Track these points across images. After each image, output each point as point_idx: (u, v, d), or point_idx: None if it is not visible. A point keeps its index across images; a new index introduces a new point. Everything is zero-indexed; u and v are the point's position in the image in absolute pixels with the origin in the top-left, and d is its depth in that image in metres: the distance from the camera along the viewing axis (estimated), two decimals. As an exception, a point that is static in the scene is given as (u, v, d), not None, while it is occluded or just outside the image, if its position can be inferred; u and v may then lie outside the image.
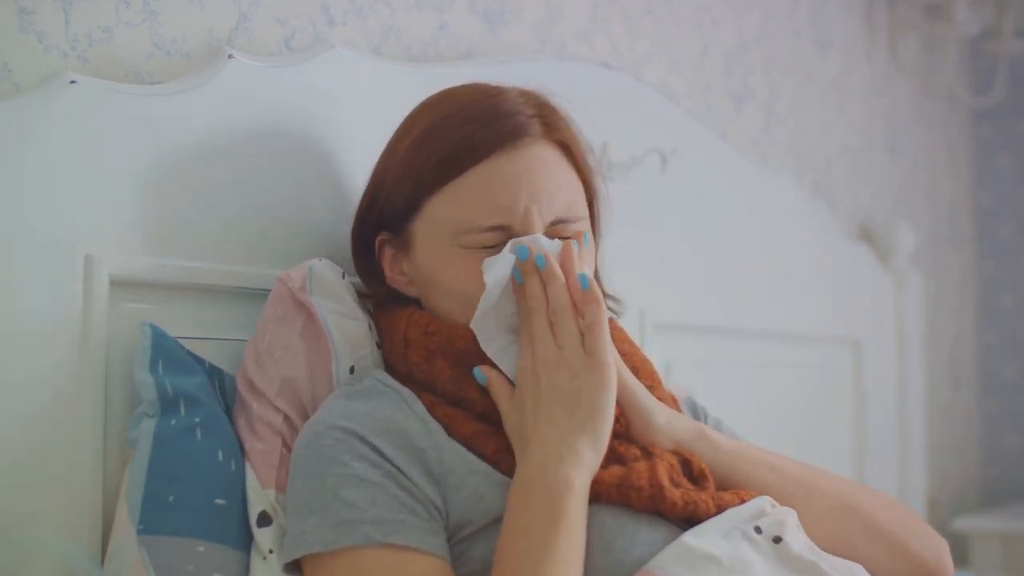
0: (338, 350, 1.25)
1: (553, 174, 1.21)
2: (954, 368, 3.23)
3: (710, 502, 1.15)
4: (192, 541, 1.16)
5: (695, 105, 2.23)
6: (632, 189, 1.87)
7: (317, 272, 1.27)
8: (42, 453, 1.15)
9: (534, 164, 1.20)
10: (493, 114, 1.20)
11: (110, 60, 1.29)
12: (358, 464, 1.11)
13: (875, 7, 2.88)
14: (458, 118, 1.21)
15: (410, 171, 1.22)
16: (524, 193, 1.19)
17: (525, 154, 1.20)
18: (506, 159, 1.19)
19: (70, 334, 1.17)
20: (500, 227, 1.19)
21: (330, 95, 1.44)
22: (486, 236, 1.19)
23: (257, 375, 1.25)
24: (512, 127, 1.20)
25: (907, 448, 2.74)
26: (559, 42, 1.93)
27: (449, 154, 1.19)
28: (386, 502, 1.09)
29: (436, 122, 1.22)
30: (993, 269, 3.36)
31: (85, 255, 1.19)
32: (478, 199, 1.19)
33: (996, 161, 3.36)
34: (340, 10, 1.55)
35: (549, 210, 1.19)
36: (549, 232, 1.20)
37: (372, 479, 1.10)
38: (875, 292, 2.67)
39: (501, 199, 1.18)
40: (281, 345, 1.25)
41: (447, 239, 1.20)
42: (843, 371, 2.54)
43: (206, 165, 1.31)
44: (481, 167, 1.19)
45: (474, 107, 1.21)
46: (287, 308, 1.27)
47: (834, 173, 2.69)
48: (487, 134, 1.19)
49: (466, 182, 1.19)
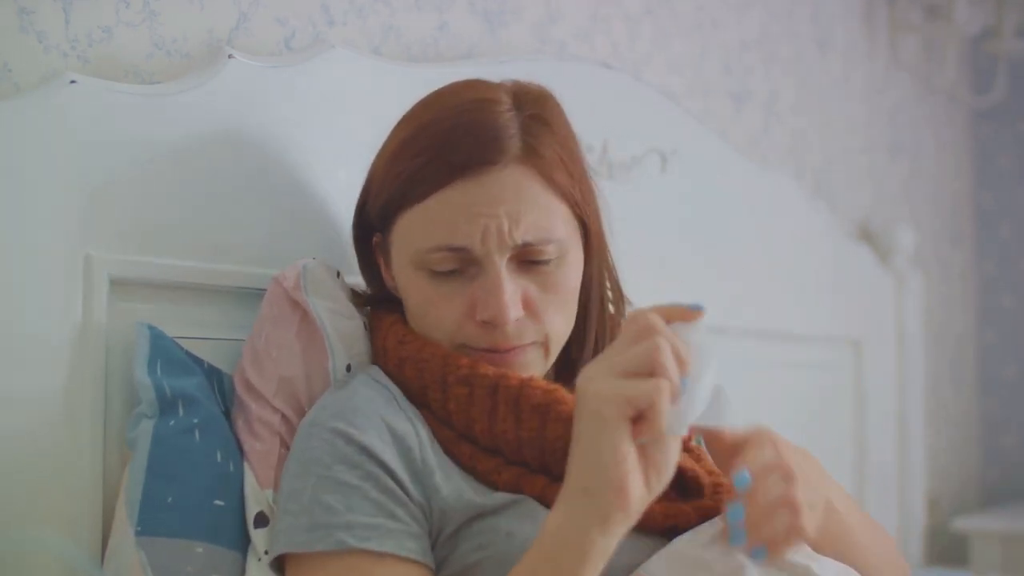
0: (334, 348, 1.25)
1: (524, 198, 1.16)
2: (954, 368, 3.23)
3: (692, 514, 1.14)
4: (190, 542, 1.16)
5: (695, 105, 2.23)
6: (632, 189, 1.87)
7: (311, 271, 1.27)
8: (42, 453, 1.15)
9: (502, 189, 1.15)
10: (471, 131, 1.16)
11: (110, 60, 1.29)
12: (340, 467, 1.10)
13: (875, 7, 2.88)
14: (429, 135, 1.17)
15: (387, 183, 1.20)
16: (485, 216, 1.15)
17: (494, 178, 1.15)
18: (473, 184, 1.15)
19: (70, 334, 1.17)
20: (457, 248, 1.15)
21: (330, 95, 1.44)
22: (441, 256, 1.16)
23: (254, 375, 1.25)
24: (486, 150, 1.15)
25: (907, 448, 2.74)
26: (559, 42, 1.93)
27: (416, 176, 1.16)
28: (364, 507, 1.09)
29: (414, 133, 1.19)
30: (993, 269, 3.36)
31: (85, 255, 1.19)
32: (436, 222, 1.15)
33: (996, 161, 3.36)
34: (340, 10, 1.55)
35: (514, 234, 1.15)
36: (518, 254, 1.17)
37: (352, 482, 1.10)
38: (875, 292, 2.67)
39: (461, 223, 1.15)
40: (278, 345, 1.25)
41: (408, 258, 1.19)
42: (843, 371, 2.54)
43: (206, 165, 1.31)
44: (445, 192, 1.15)
45: (455, 119, 1.17)
46: (282, 308, 1.27)
47: (834, 173, 2.69)
48: (457, 157, 1.15)
49: (429, 205, 1.16)
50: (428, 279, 1.18)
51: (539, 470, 1.15)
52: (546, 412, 1.14)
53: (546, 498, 1.12)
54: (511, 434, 1.14)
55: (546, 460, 1.14)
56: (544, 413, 1.14)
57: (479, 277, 1.16)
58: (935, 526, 2.98)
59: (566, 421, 1.12)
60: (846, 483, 2.52)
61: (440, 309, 1.18)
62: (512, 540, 1.10)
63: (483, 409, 1.15)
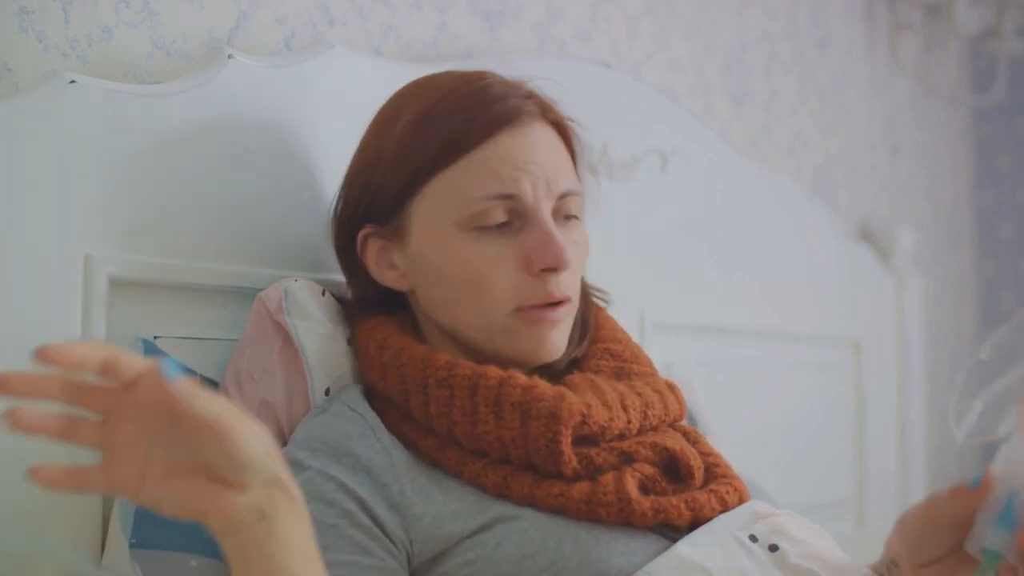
0: (313, 372, 1.24)
1: (557, 150, 1.23)
2: (954, 368, 3.22)
3: (682, 507, 1.13)
4: (185, 556, 1.15)
5: (695, 105, 2.23)
6: (632, 189, 1.87)
7: (292, 293, 1.26)
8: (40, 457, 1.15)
9: (536, 140, 1.21)
10: (487, 96, 1.21)
11: (110, 60, 1.29)
12: (315, 505, 1.07)
13: (875, 7, 2.88)
14: (454, 100, 1.20)
15: (408, 154, 1.20)
16: (533, 164, 1.19)
17: (527, 131, 1.20)
18: (509, 137, 1.19)
19: (70, 334, 1.17)
20: (507, 196, 1.18)
21: (330, 95, 1.44)
22: (492, 206, 1.18)
23: (236, 396, 1.25)
24: (510, 107, 1.20)
25: (907, 448, 2.74)
26: (559, 42, 1.93)
27: (452, 134, 1.19)
28: (340, 545, 1.07)
29: (433, 105, 1.21)
30: (993, 269, 3.36)
31: (85, 255, 1.19)
32: (484, 174, 1.18)
33: (996, 161, 3.35)
34: (340, 10, 1.55)
35: (556, 183, 1.20)
36: (557, 205, 1.20)
37: (327, 521, 1.08)
38: (875, 292, 2.67)
39: (507, 172, 1.18)
40: (260, 367, 1.25)
41: (450, 220, 1.19)
42: (843, 371, 2.54)
43: (206, 165, 1.30)
44: (485, 146, 1.19)
45: (465, 90, 1.21)
46: (265, 329, 1.26)
47: (834, 173, 2.69)
48: (488, 114, 1.19)
49: (470, 161, 1.18)
50: (474, 241, 1.18)
51: (524, 468, 1.14)
52: (527, 410, 1.13)
53: (534, 497, 1.12)
54: (492, 434, 1.14)
55: (530, 458, 1.13)
56: (525, 411, 1.13)
57: (524, 230, 1.19)
58: (935, 526, 2.97)
59: (547, 418, 1.12)
60: (846, 483, 2.52)
61: (493, 272, 1.18)
62: (500, 550, 1.09)
63: (463, 411, 1.14)
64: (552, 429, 1.12)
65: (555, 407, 1.13)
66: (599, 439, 1.16)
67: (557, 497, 1.12)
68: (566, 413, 1.13)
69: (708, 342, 2.09)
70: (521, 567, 1.08)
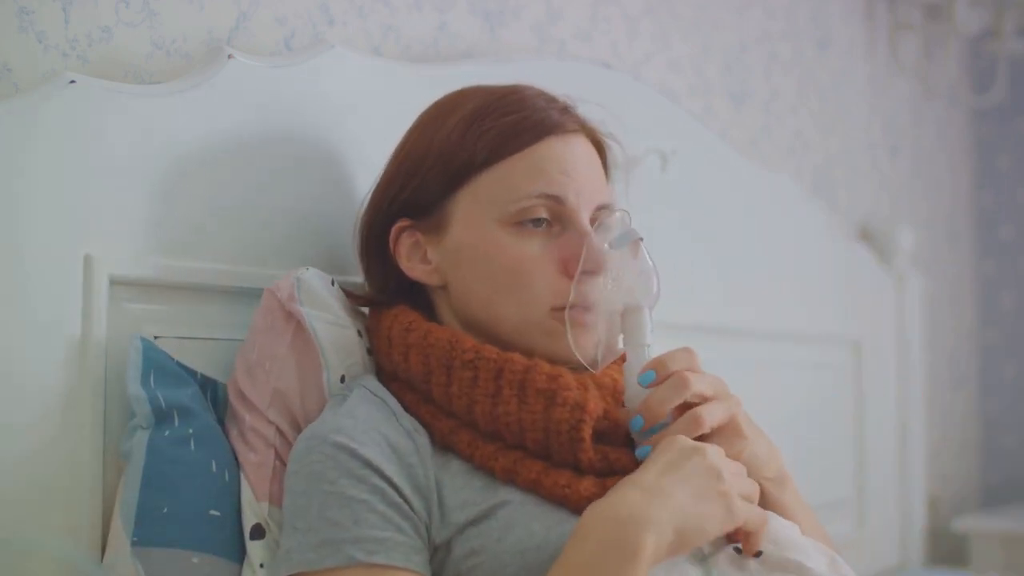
0: (328, 360, 1.25)
1: (593, 164, 1.27)
2: (954, 368, 3.23)
3: None
4: (186, 552, 1.15)
5: (695, 105, 2.23)
6: (632, 189, 1.86)
7: (305, 281, 1.27)
8: (42, 454, 1.15)
9: (578, 151, 1.25)
10: (535, 104, 1.25)
11: (110, 60, 1.29)
12: (345, 481, 1.09)
13: (875, 7, 2.88)
14: (504, 104, 1.24)
15: (456, 151, 1.22)
16: (578, 172, 1.23)
17: (571, 140, 1.25)
18: (556, 142, 1.24)
19: (70, 334, 1.17)
20: (552, 196, 1.21)
21: (330, 95, 1.44)
22: (536, 204, 1.21)
23: (248, 387, 1.25)
24: (556, 117, 1.24)
25: (907, 448, 2.74)
26: (559, 42, 1.93)
27: (501, 135, 1.22)
28: (371, 520, 1.08)
29: (484, 106, 1.24)
30: (993, 269, 3.36)
31: (85, 255, 1.19)
32: (532, 172, 1.22)
33: (996, 161, 3.36)
34: (340, 10, 1.55)
35: (594, 195, 1.24)
36: (592, 216, 1.24)
37: (358, 496, 1.09)
38: (875, 292, 2.67)
39: (554, 174, 1.22)
40: (271, 356, 1.25)
41: (493, 216, 1.21)
42: (843, 371, 2.54)
43: (205, 165, 1.30)
44: (533, 148, 1.22)
45: (514, 96, 1.25)
46: (276, 319, 1.26)
47: (834, 173, 2.69)
48: (537, 119, 1.23)
49: (518, 160, 1.22)
50: (515, 237, 1.21)
51: (538, 455, 1.15)
52: (552, 397, 1.15)
53: (540, 483, 1.13)
54: (513, 415, 1.15)
55: (549, 443, 1.14)
56: (550, 397, 1.15)
57: (563, 234, 1.22)
58: (935, 526, 2.98)
59: (572, 407, 1.14)
60: (846, 483, 2.52)
61: (533, 269, 1.20)
62: (503, 543, 1.10)
63: (486, 392, 1.16)
64: (576, 416, 1.14)
65: (581, 397, 1.15)
66: (614, 438, 1.17)
67: (563, 488, 1.12)
68: (592, 404, 1.14)
69: (708, 342, 2.09)
70: (524, 559, 1.09)
